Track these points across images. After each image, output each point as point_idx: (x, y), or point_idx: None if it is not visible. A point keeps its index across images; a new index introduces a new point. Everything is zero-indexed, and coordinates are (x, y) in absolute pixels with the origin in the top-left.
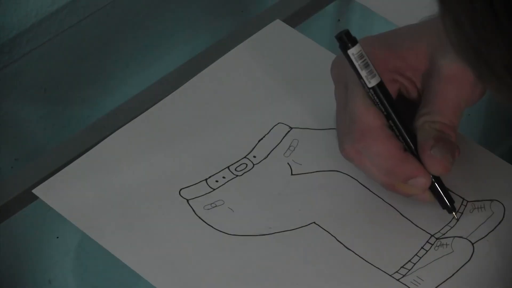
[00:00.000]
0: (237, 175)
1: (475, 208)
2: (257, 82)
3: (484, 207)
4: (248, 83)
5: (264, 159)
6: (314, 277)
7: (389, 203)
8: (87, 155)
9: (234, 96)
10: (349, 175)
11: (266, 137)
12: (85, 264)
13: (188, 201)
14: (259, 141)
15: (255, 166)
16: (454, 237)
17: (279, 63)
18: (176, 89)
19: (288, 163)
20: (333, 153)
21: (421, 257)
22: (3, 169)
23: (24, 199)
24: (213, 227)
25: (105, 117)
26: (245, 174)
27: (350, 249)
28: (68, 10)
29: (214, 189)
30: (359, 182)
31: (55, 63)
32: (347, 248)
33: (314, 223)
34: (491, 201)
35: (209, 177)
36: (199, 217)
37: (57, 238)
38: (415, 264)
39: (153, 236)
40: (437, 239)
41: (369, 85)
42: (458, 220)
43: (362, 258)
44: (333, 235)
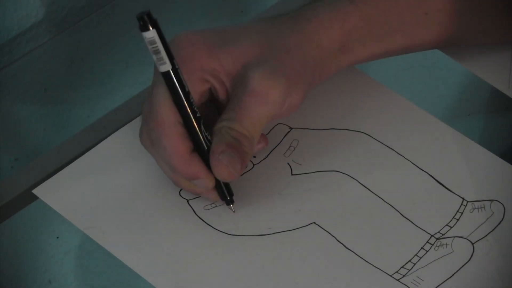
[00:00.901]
0: None
1: (475, 208)
2: None
3: (484, 207)
4: None
5: (264, 159)
6: (314, 277)
7: (389, 203)
8: (87, 155)
9: None
10: (349, 175)
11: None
12: (85, 264)
13: (188, 201)
14: None
15: (255, 166)
16: (454, 237)
17: None
18: None
19: (288, 163)
20: (333, 153)
21: (421, 257)
22: (3, 169)
23: (24, 199)
24: (213, 227)
25: (105, 117)
26: (245, 174)
27: (350, 249)
28: (68, 10)
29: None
30: (359, 182)
31: (55, 63)
32: (347, 248)
33: (314, 223)
34: (491, 201)
35: None
36: (199, 217)
37: (57, 238)
38: (415, 264)
39: (153, 236)
40: (437, 239)
41: (159, 70)
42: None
43: (362, 258)
44: (333, 235)
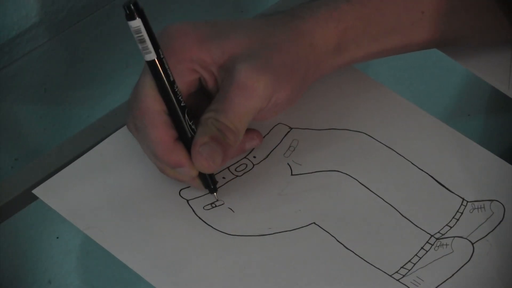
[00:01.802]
0: (237, 176)
1: (475, 208)
2: None
3: (484, 207)
4: None
5: (264, 159)
6: (314, 277)
7: (389, 203)
8: (87, 155)
9: None
10: (349, 175)
11: (266, 137)
12: (85, 264)
13: (188, 201)
14: None
15: (255, 166)
16: (454, 237)
17: None
18: None
19: (288, 163)
20: (333, 153)
21: (421, 257)
22: (3, 169)
23: (24, 199)
24: (213, 227)
25: (105, 117)
26: (245, 174)
27: (350, 249)
28: (68, 10)
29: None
30: (359, 182)
31: (55, 63)
32: (347, 248)
33: (314, 223)
34: (491, 201)
35: None
36: (199, 217)
37: (57, 238)
38: (415, 264)
39: (153, 236)
40: (437, 239)
41: (144, 59)
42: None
43: (362, 258)
44: (333, 235)
